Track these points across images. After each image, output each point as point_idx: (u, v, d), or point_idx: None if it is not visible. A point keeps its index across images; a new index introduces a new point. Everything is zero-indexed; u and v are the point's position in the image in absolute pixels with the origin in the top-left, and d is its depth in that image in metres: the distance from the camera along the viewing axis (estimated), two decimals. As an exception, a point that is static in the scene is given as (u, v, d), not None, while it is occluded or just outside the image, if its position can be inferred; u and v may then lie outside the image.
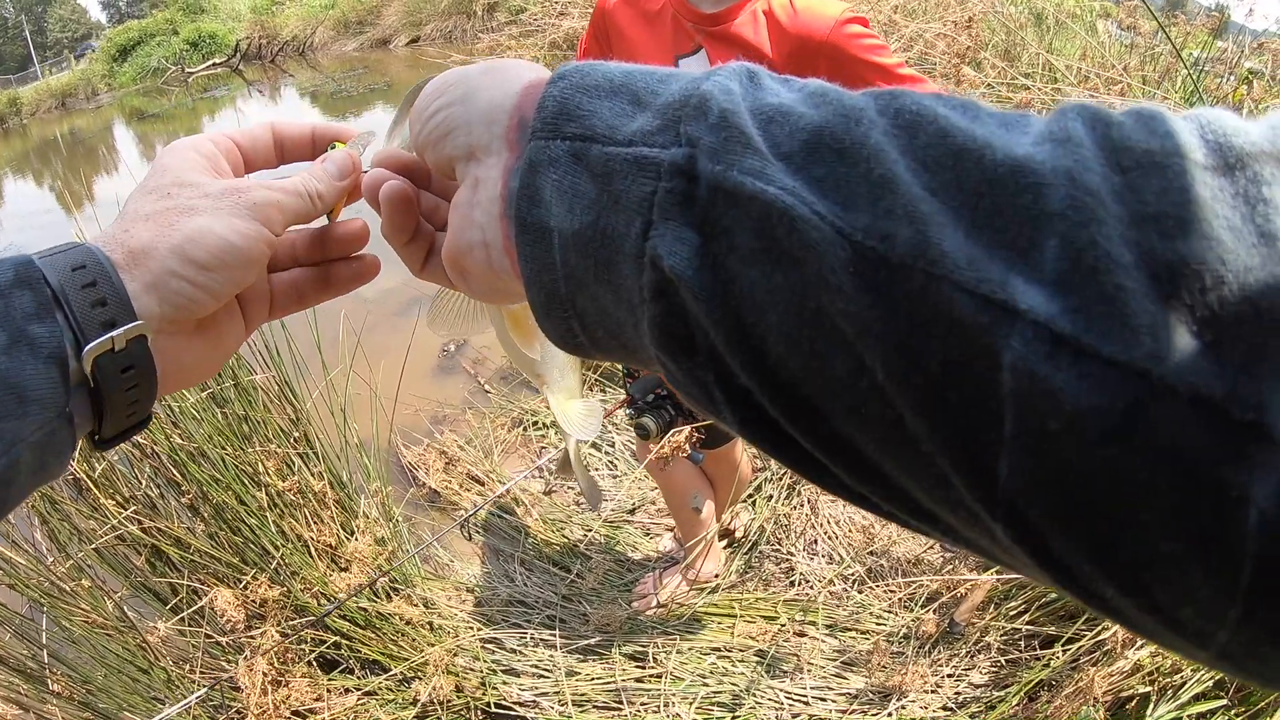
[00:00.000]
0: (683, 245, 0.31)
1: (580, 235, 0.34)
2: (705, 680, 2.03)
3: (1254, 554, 0.22)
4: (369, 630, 2.08)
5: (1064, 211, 0.25)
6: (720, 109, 0.32)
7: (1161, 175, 0.25)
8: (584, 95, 0.36)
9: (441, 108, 0.42)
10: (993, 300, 0.25)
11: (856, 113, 0.30)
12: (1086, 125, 0.27)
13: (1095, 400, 0.23)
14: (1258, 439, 0.22)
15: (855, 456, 0.30)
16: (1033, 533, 0.26)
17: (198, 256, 0.45)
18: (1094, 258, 0.24)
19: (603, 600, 2.33)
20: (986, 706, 1.85)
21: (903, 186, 0.27)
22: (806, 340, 0.29)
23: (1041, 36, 4.44)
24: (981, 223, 0.26)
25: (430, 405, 3.37)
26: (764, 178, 0.29)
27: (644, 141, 0.33)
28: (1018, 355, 0.24)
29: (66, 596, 1.90)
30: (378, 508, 2.35)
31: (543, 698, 2.05)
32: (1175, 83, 3.60)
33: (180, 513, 2.09)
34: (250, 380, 2.22)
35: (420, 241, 0.48)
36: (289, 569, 2.03)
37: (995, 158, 0.27)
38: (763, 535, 2.45)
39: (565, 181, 0.35)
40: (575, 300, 0.36)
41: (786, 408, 0.30)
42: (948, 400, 0.26)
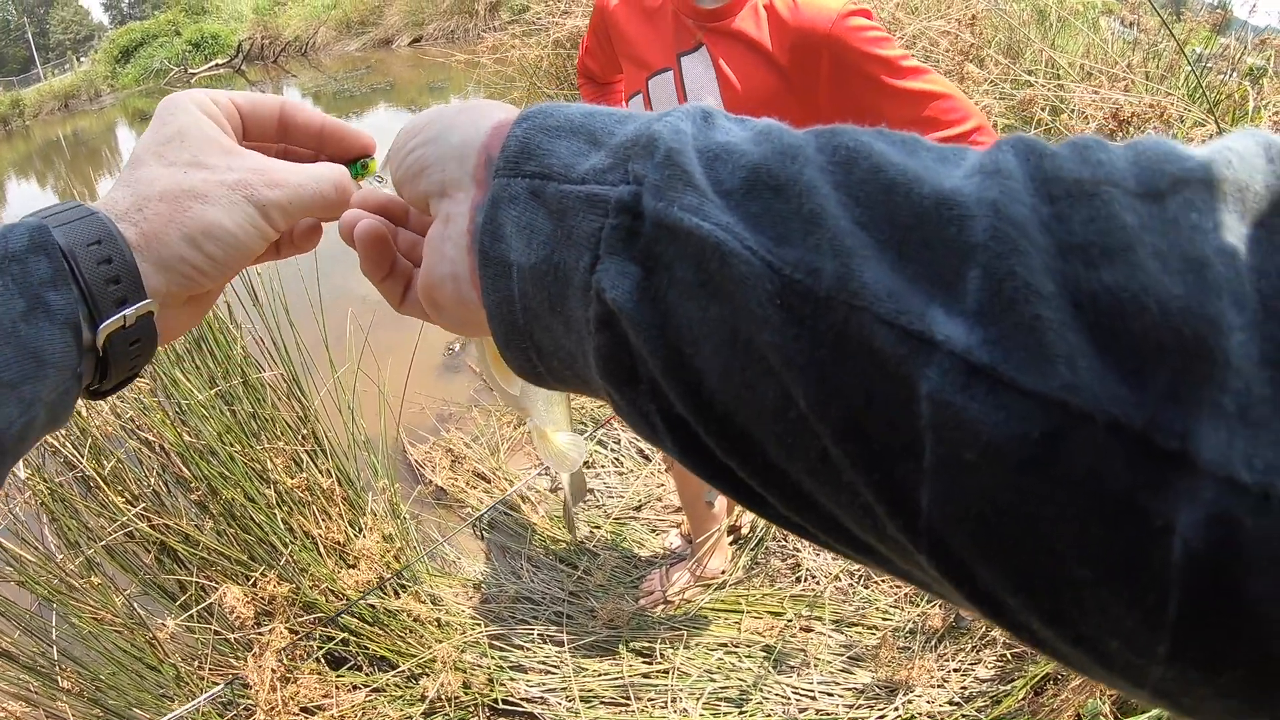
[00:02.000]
0: (625, 279, 0.32)
1: (536, 269, 0.35)
2: (712, 676, 2.04)
3: (1180, 585, 0.22)
4: (377, 627, 2.09)
5: (986, 243, 0.25)
6: (666, 148, 0.33)
7: (1090, 204, 0.25)
8: (544, 135, 0.37)
9: (417, 146, 0.44)
10: (910, 332, 0.25)
11: (794, 150, 0.31)
12: (1019, 157, 0.27)
13: (1011, 430, 0.23)
14: (1181, 468, 0.22)
15: (788, 487, 0.30)
16: (956, 564, 0.26)
17: (208, 248, 0.47)
18: (1013, 288, 0.24)
19: (610, 597, 2.33)
20: (993, 700, 1.85)
21: (830, 221, 0.28)
22: (738, 371, 0.29)
23: (1044, 34, 4.43)
24: (908, 255, 0.27)
25: (436, 403, 3.38)
26: (701, 214, 0.30)
27: (595, 179, 0.34)
28: (934, 386, 0.25)
29: (75, 593, 1.91)
30: (385, 505, 2.36)
31: (550, 694, 2.06)
32: (1179, 79, 3.60)
33: (189, 510, 2.10)
34: (259, 378, 2.23)
35: (397, 277, 0.50)
36: (297, 566, 2.03)
37: (923, 191, 0.27)
38: (769, 531, 2.45)
39: (524, 218, 0.36)
40: (532, 332, 0.37)
41: (721, 437, 0.31)
42: (867, 431, 0.26)
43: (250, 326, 2.29)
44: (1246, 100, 2.80)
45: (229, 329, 2.25)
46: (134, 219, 0.46)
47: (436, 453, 3.07)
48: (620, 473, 2.94)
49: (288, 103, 0.55)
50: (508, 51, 5.61)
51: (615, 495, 2.82)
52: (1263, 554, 0.21)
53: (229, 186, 0.48)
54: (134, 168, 0.48)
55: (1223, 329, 0.22)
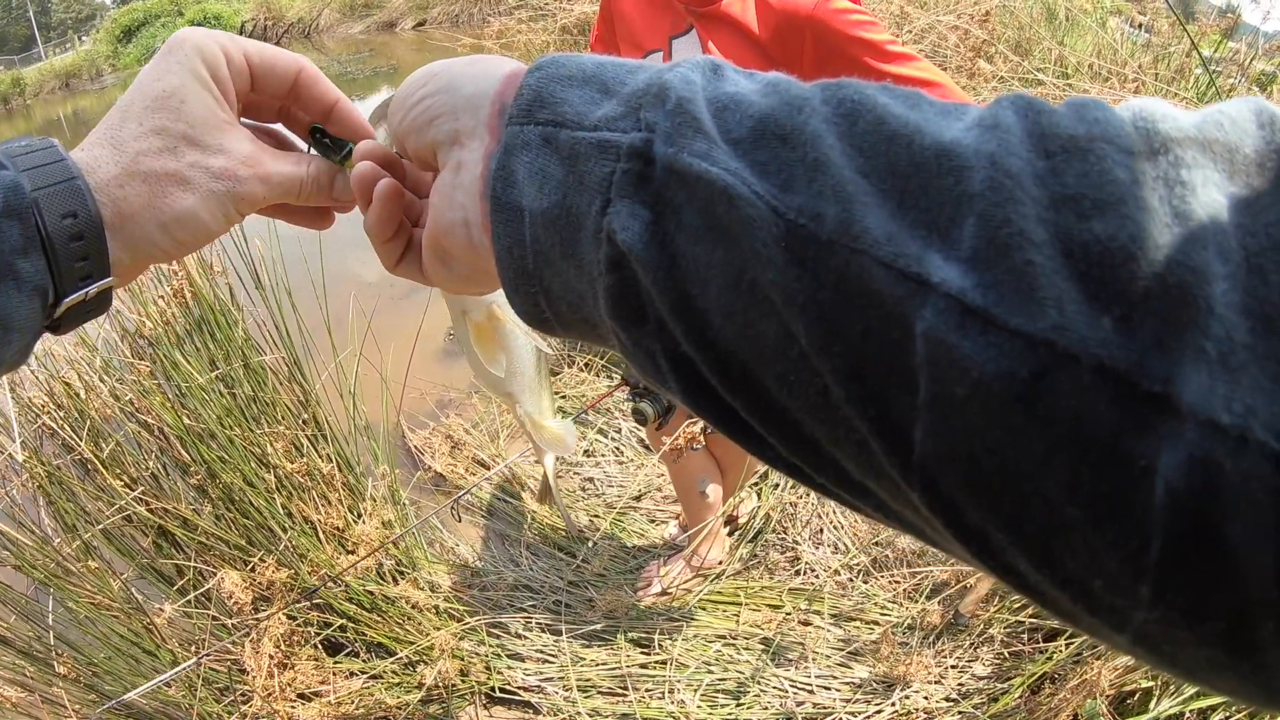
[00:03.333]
0: (635, 221, 0.33)
1: (548, 214, 0.36)
2: (710, 667, 2.04)
3: (1162, 527, 0.22)
4: (375, 613, 2.08)
5: (983, 192, 0.26)
6: (678, 97, 0.34)
7: (1084, 159, 0.26)
8: (557, 84, 0.38)
9: (426, 95, 0.44)
10: (907, 274, 0.26)
11: (801, 101, 0.32)
12: (1018, 113, 0.28)
13: (1000, 367, 0.24)
14: (1164, 411, 0.22)
15: (788, 426, 0.31)
16: (947, 501, 0.27)
17: (179, 235, 0.48)
18: (1007, 235, 0.25)
19: (608, 586, 2.33)
20: (990, 698, 1.85)
21: (834, 169, 0.29)
22: (742, 311, 0.31)
23: (1054, 31, 4.42)
24: (908, 204, 0.28)
25: (436, 389, 3.37)
26: (710, 159, 0.31)
27: (608, 126, 0.35)
28: (929, 325, 0.26)
29: (73, 578, 1.90)
30: (385, 490, 2.35)
31: (548, 683, 2.06)
32: (1188, 82, 3.59)
33: (187, 494, 2.09)
34: (260, 361, 2.22)
35: (400, 237, 0.50)
36: (296, 551, 2.03)
37: (924, 143, 0.28)
38: (768, 524, 2.45)
39: (536, 164, 0.37)
40: (542, 276, 0.38)
41: (724, 375, 0.32)
42: (866, 368, 0.28)
43: (252, 309, 2.28)
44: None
45: (230, 311, 2.24)
46: (113, 194, 0.46)
47: (436, 438, 3.07)
48: (620, 462, 2.94)
49: (306, 69, 0.54)
50: (514, 37, 5.58)
51: (616, 485, 2.82)
52: (1241, 496, 0.21)
53: (213, 175, 0.48)
54: (124, 119, 0.47)
55: (1207, 278, 0.23)
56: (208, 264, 2.23)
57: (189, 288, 2.15)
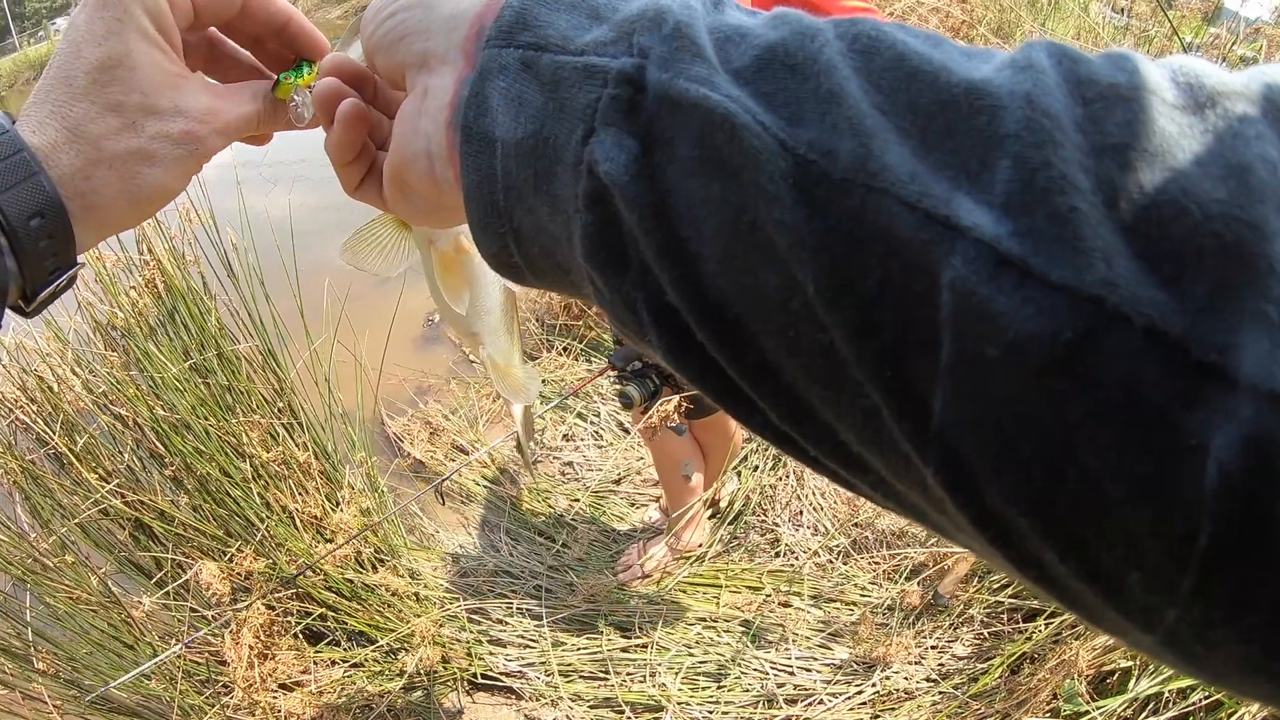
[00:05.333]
0: (621, 151, 0.30)
1: (522, 144, 0.33)
2: (691, 650, 2.05)
3: (1212, 512, 0.20)
4: (355, 601, 2.08)
5: (1018, 133, 0.24)
6: (675, 21, 0.31)
7: (1126, 107, 0.24)
8: (543, 7, 0.35)
9: (400, 9, 0.41)
10: (934, 216, 0.24)
11: (813, 32, 0.29)
12: (1051, 57, 0.26)
13: (1039, 326, 0.22)
14: (1218, 382, 0.20)
15: (782, 388, 0.29)
16: (966, 477, 0.24)
17: (147, 207, 0.47)
18: (1047, 179, 0.23)
19: (589, 570, 2.33)
20: (969, 679, 1.86)
21: (851, 101, 0.26)
22: (740, 255, 0.28)
23: (1036, 15, 4.42)
24: (932, 143, 0.25)
25: (414, 375, 3.36)
26: (709, 85, 0.29)
27: (595, 51, 0.32)
28: (958, 275, 0.23)
29: (50, 573, 1.89)
30: (363, 478, 2.34)
31: (529, 668, 2.06)
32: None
33: (164, 485, 2.08)
34: (233, 350, 2.20)
35: (362, 160, 0.47)
36: (274, 541, 2.02)
37: (950, 79, 0.26)
38: (748, 506, 2.46)
39: (513, 89, 0.34)
40: (513, 214, 0.35)
41: (715, 330, 0.29)
42: (882, 322, 0.25)
43: (225, 298, 2.26)
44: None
45: (203, 300, 2.22)
46: (79, 189, 0.44)
47: (415, 425, 3.05)
48: (599, 446, 2.93)
49: None
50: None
51: (594, 468, 2.82)
52: None
53: (175, 141, 0.46)
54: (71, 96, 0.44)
55: (1266, 234, 0.21)
56: (179, 253, 2.20)
57: (160, 277, 2.13)
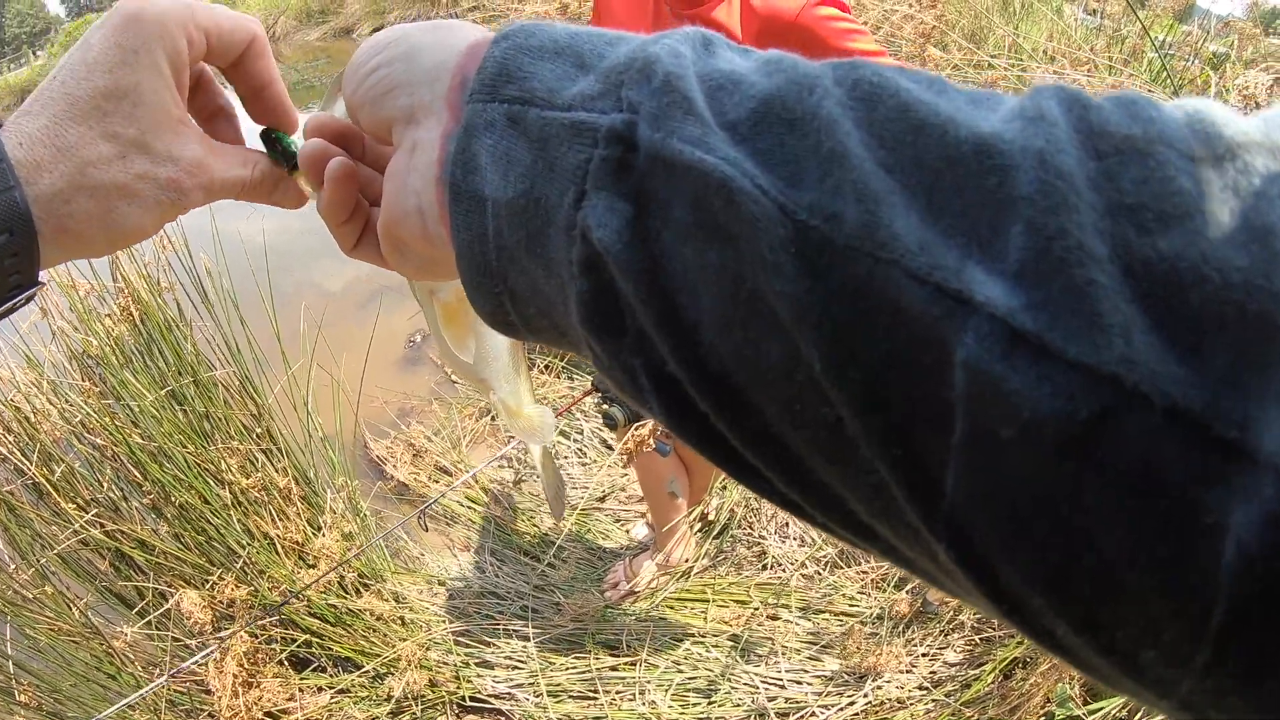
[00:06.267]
0: (614, 217, 0.29)
1: (513, 204, 0.32)
2: (680, 667, 2.04)
3: (1229, 591, 0.19)
4: (340, 627, 2.06)
5: (1031, 196, 0.23)
6: (665, 73, 0.30)
7: (1142, 163, 0.23)
8: (526, 56, 0.34)
9: (381, 64, 0.40)
10: (946, 290, 0.23)
11: (810, 81, 0.28)
12: (1062, 106, 0.25)
13: (1056, 406, 0.21)
14: (1239, 460, 0.19)
15: (788, 458, 0.28)
16: (978, 557, 0.23)
17: (118, 242, 0.45)
18: (1063, 247, 0.22)
19: (576, 589, 2.32)
20: (962, 685, 1.85)
21: (854, 161, 0.25)
22: (740, 326, 0.27)
23: (1009, 19, 4.46)
24: (939, 205, 0.24)
25: (397, 397, 3.35)
26: (704, 146, 0.27)
27: (583, 106, 0.31)
28: (971, 352, 0.22)
29: (30, 604, 1.87)
30: (344, 502, 2.32)
31: (518, 689, 2.05)
32: (1142, 64, 3.63)
33: (143, 514, 2.06)
34: (210, 376, 2.18)
35: (357, 219, 0.45)
36: (256, 568, 2.00)
37: (958, 134, 0.24)
38: (734, 519, 2.45)
39: (500, 147, 0.33)
40: (507, 274, 0.34)
41: (716, 400, 0.28)
42: (890, 399, 0.24)
43: (200, 324, 2.24)
44: (1209, 86, 2.82)
45: (179, 327, 2.20)
46: (56, 210, 0.42)
47: (398, 447, 3.04)
48: (584, 464, 2.92)
49: (258, 39, 0.50)
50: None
51: (579, 486, 2.80)
52: None
53: (160, 186, 0.45)
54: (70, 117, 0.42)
55: None
56: (154, 280, 2.19)
57: (135, 305, 2.12)
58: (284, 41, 17.66)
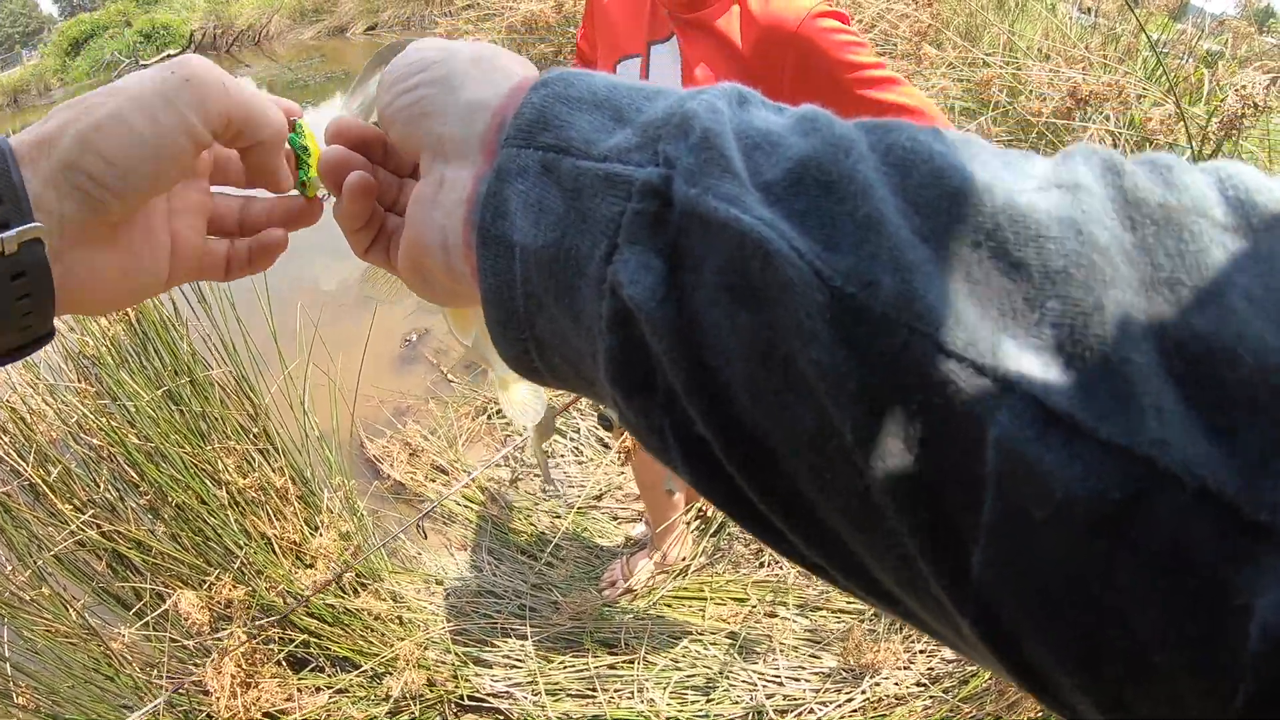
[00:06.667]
0: (647, 273, 0.29)
1: (543, 253, 0.32)
2: (678, 664, 2.04)
3: (1254, 673, 0.20)
4: (337, 627, 2.06)
5: (1067, 269, 0.23)
6: (703, 129, 0.30)
7: (1176, 235, 0.23)
8: (564, 106, 0.34)
9: (421, 84, 0.39)
10: (981, 366, 0.23)
11: (846, 144, 0.28)
12: (1096, 173, 0.25)
13: (1088, 487, 0.21)
14: (1268, 542, 0.19)
15: (814, 523, 0.27)
16: (1005, 634, 0.23)
17: (103, 146, 0.39)
18: (1099, 324, 0.22)
19: (573, 588, 2.32)
20: (960, 681, 1.86)
21: (890, 229, 0.25)
22: (772, 391, 0.26)
23: (1004, 18, 4.47)
24: (976, 276, 0.24)
25: (393, 396, 3.35)
26: (740, 205, 0.27)
27: (619, 158, 0.31)
28: (1005, 432, 0.22)
29: (27, 606, 1.86)
30: (341, 502, 2.32)
31: (516, 688, 2.05)
32: (1136, 62, 3.64)
33: (140, 515, 2.06)
34: (206, 376, 2.18)
35: (371, 225, 0.45)
36: (253, 568, 2.00)
37: (994, 203, 0.24)
38: (732, 517, 2.45)
39: (533, 194, 0.32)
40: (534, 322, 0.33)
41: (745, 463, 0.28)
42: (921, 474, 0.24)
43: (197, 324, 2.24)
44: (1203, 84, 2.83)
45: (175, 326, 2.20)
46: (31, 132, 0.40)
47: (394, 446, 3.04)
48: (580, 462, 2.93)
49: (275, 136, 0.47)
50: (463, 38, 5.56)
51: (576, 485, 2.81)
52: None
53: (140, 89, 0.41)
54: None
55: None
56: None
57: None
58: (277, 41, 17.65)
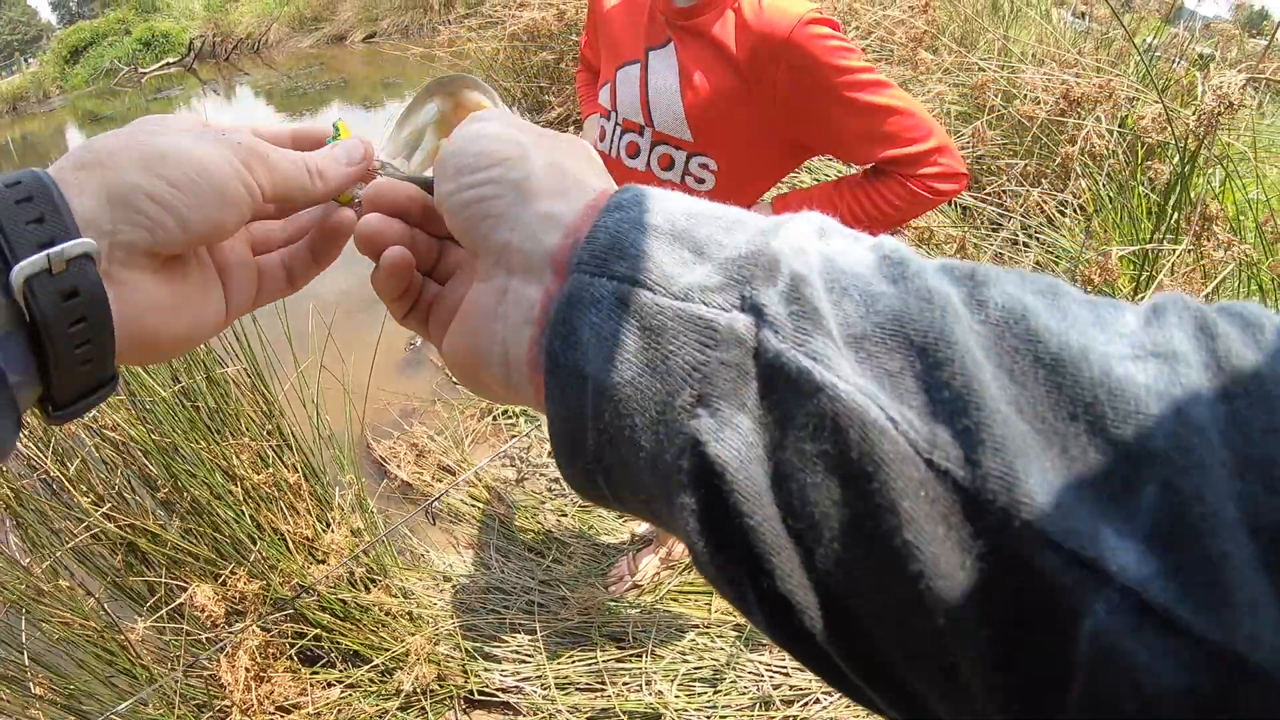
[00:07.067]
0: (733, 433, 0.27)
1: (617, 391, 0.30)
2: (685, 657, 2.06)
3: None
4: (349, 622, 2.08)
5: (1167, 452, 0.22)
6: (791, 273, 0.28)
7: (1270, 409, 0.22)
8: (639, 233, 0.32)
9: (490, 183, 0.37)
10: (1080, 558, 0.22)
11: (941, 300, 0.27)
12: (1190, 335, 0.24)
13: (1178, 681, 0.21)
14: None
15: (898, 688, 0.26)
16: None
17: (166, 171, 0.37)
18: (1197, 515, 0.21)
19: (580, 584, 2.35)
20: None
21: (988, 401, 0.24)
22: (861, 563, 0.25)
23: (998, 24, 4.51)
24: (1074, 454, 0.23)
25: (399, 399, 3.38)
26: (835, 368, 0.26)
27: (702, 298, 0.29)
28: (1100, 624, 0.22)
29: (45, 598, 1.88)
30: (352, 499, 2.35)
31: (525, 682, 2.07)
32: (1129, 66, 3.68)
33: (155, 509, 2.08)
34: (222, 373, 2.21)
35: (409, 295, 0.44)
36: (267, 562, 2.02)
37: (1091, 375, 0.24)
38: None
39: (606, 327, 0.30)
40: (603, 455, 0.31)
41: (827, 626, 0.27)
42: (1013, 658, 0.23)
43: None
44: (1195, 86, 2.87)
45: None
46: (73, 157, 0.37)
47: (401, 447, 3.07)
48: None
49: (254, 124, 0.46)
50: (464, 45, 5.59)
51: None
52: None
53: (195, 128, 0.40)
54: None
55: None
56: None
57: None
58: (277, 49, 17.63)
